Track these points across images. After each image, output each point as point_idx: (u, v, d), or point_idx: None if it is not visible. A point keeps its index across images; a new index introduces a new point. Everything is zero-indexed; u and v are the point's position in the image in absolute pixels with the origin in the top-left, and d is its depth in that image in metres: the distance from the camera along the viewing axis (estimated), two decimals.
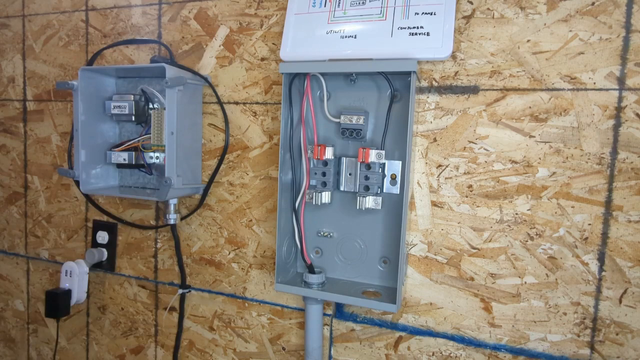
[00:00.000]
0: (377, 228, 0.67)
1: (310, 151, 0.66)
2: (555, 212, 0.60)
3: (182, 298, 0.83)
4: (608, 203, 0.58)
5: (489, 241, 0.63)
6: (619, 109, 0.57)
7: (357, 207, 0.64)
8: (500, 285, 0.63)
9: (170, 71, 0.70)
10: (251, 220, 0.77)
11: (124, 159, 0.79)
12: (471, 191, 0.64)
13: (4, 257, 1.01)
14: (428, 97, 0.65)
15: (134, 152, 0.78)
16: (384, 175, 0.65)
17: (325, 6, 0.68)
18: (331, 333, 0.73)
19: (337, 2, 0.67)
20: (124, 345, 0.91)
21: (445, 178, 0.65)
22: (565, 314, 0.60)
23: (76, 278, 0.86)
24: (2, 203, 1.00)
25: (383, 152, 0.63)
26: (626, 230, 0.57)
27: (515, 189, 0.61)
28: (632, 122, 0.56)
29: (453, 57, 0.63)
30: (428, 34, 0.62)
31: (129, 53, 0.85)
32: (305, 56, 0.67)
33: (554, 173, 0.60)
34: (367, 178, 0.64)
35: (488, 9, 0.62)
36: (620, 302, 0.58)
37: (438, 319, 0.67)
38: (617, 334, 0.58)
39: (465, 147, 0.64)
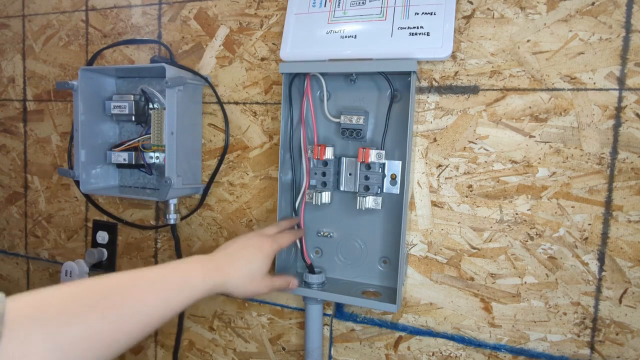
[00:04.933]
0: (377, 228, 0.67)
1: (310, 151, 0.66)
2: (555, 212, 0.60)
3: None
4: (608, 203, 0.58)
5: (489, 241, 0.63)
6: (619, 109, 0.57)
7: (357, 207, 0.64)
8: (500, 285, 0.63)
9: (170, 71, 0.70)
10: (251, 220, 0.77)
11: (124, 159, 0.79)
12: (471, 191, 0.64)
13: (4, 257, 1.01)
14: (428, 97, 0.65)
15: (134, 152, 0.78)
16: (384, 175, 0.65)
17: (325, 6, 0.68)
18: (331, 333, 0.73)
19: (337, 2, 0.67)
20: None
21: (445, 178, 0.65)
22: (565, 314, 0.60)
23: (76, 278, 0.86)
24: (2, 203, 1.00)
25: (383, 152, 0.63)
26: (626, 230, 0.57)
27: (515, 189, 0.61)
28: (632, 122, 0.56)
29: (453, 57, 0.63)
30: (428, 34, 0.62)
31: (129, 53, 0.85)
32: (305, 56, 0.67)
33: (554, 173, 0.60)
34: (367, 178, 0.64)
35: (488, 9, 0.62)
36: (620, 302, 0.58)
37: (438, 319, 0.67)
38: (617, 334, 0.58)
39: (465, 147, 0.64)
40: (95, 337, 0.36)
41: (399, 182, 0.64)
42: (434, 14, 0.62)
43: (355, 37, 0.65)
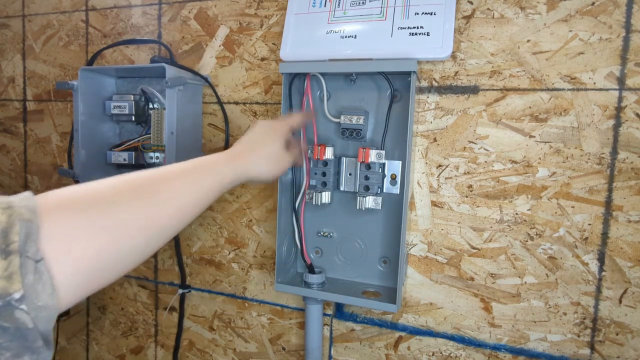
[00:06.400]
0: (377, 228, 0.67)
1: (310, 151, 0.66)
2: (555, 212, 0.60)
3: (182, 298, 0.83)
4: (608, 203, 0.58)
5: (489, 241, 0.63)
6: (619, 109, 0.57)
7: (357, 207, 0.64)
8: (500, 285, 0.63)
9: (170, 71, 0.70)
10: (251, 220, 0.77)
11: (124, 159, 0.79)
12: (471, 191, 0.64)
13: None
14: (428, 97, 0.65)
15: (134, 152, 0.78)
16: (384, 175, 0.65)
17: (325, 6, 0.68)
18: (331, 333, 0.73)
19: (337, 2, 0.67)
20: (124, 345, 0.91)
21: (445, 178, 0.65)
22: (565, 314, 0.60)
23: None
24: None
25: (383, 152, 0.63)
26: (626, 230, 0.57)
27: (515, 189, 0.61)
28: (632, 122, 0.56)
29: (453, 57, 0.63)
30: (428, 34, 0.62)
31: (129, 53, 0.85)
32: (305, 56, 0.67)
33: (554, 173, 0.60)
34: (367, 178, 0.64)
35: (488, 9, 0.62)
36: (620, 302, 0.58)
37: (438, 319, 0.67)
38: (617, 334, 0.58)
39: (465, 147, 0.64)
40: (139, 223, 0.36)
41: (399, 182, 0.64)
42: (434, 14, 0.62)
43: (355, 37, 0.65)
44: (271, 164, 0.55)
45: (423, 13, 0.62)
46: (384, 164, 0.64)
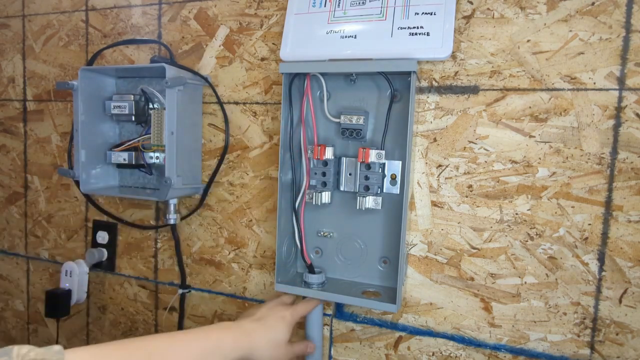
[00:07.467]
0: (377, 228, 0.67)
1: (310, 151, 0.66)
2: (555, 212, 0.60)
3: (182, 298, 0.83)
4: (608, 203, 0.58)
5: (489, 241, 0.63)
6: (619, 109, 0.57)
7: (357, 207, 0.64)
8: (500, 285, 0.63)
9: (170, 71, 0.70)
10: (251, 220, 0.77)
11: (124, 159, 0.79)
12: (471, 191, 0.64)
13: (4, 257, 1.01)
14: (428, 97, 0.65)
15: (134, 152, 0.78)
16: (384, 175, 0.65)
17: (325, 6, 0.68)
18: (331, 333, 0.73)
19: (337, 2, 0.67)
20: None
21: (445, 178, 0.65)
22: (565, 314, 0.60)
23: (76, 278, 0.86)
24: (2, 203, 1.00)
25: (383, 152, 0.63)
26: (626, 230, 0.57)
27: (515, 189, 0.61)
28: (632, 122, 0.56)
29: (453, 57, 0.63)
30: (428, 34, 0.62)
31: (129, 53, 0.85)
32: (305, 56, 0.67)
33: (554, 173, 0.60)
34: (367, 178, 0.64)
35: (488, 9, 0.62)
36: (620, 302, 0.58)
37: (438, 319, 0.67)
38: (617, 334, 0.58)
39: (465, 147, 0.64)
40: None
41: (399, 182, 0.64)
42: (434, 14, 0.62)
43: (355, 37, 0.65)
44: (273, 351, 0.57)
45: (423, 13, 0.62)
46: (384, 164, 0.64)
